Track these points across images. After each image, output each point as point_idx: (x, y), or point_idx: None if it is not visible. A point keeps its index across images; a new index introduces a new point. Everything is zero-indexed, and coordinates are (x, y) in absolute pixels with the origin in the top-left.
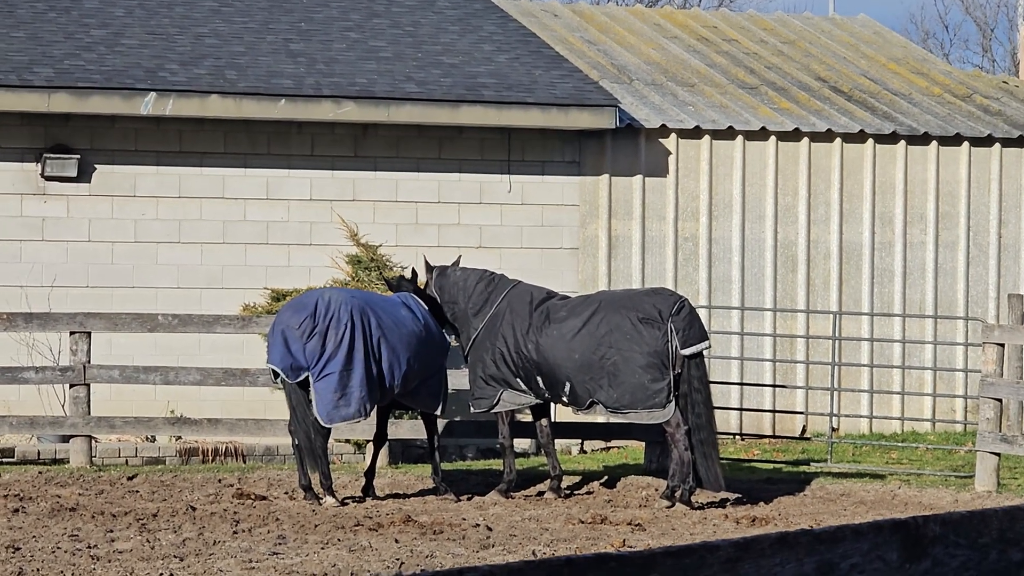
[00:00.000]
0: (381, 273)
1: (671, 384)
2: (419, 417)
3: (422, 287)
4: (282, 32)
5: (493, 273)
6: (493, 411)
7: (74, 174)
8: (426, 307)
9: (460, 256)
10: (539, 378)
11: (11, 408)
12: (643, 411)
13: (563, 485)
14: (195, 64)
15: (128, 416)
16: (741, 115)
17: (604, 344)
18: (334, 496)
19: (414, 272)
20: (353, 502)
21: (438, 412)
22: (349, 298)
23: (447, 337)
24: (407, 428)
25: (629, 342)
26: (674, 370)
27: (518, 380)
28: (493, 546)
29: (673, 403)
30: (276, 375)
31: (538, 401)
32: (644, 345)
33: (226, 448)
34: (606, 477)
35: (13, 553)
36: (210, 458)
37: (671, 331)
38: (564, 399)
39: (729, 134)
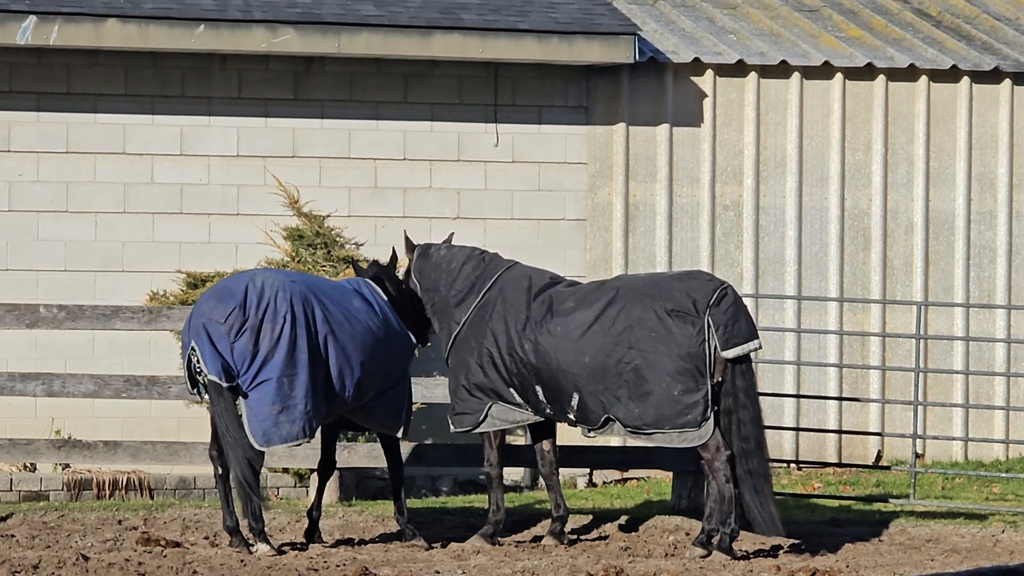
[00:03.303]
0: (329, 251)
1: (708, 397)
2: (378, 440)
3: (404, 274)
4: None
5: (484, 252)
6: (478, 431)
7: None
8: (385, 298)
9: (452, 233)
10: (538, 388)
11: None
12: (672, 431)
13: (567, 528)
14: None
15: (0, 438)
16: (798, 46)
17: (622, 344)
18: (268, 542)
19: (393, 255)
20: (293, 550)
21: (400, 434)
22: (287, 283)
23: (411, 337)
24: (363, 454)
25: (654, 342)
26: (713, 378)
27: (511, 391)
28: None
29: (711, 421)
30: (195, 384)
31: (537, 418)
32: (674, 346)
33: (128, 480)
34: (623, 518)
35: None
36: (107, 492)
37: (709, 327)
38: (571, 416)
39: (782, 71)
